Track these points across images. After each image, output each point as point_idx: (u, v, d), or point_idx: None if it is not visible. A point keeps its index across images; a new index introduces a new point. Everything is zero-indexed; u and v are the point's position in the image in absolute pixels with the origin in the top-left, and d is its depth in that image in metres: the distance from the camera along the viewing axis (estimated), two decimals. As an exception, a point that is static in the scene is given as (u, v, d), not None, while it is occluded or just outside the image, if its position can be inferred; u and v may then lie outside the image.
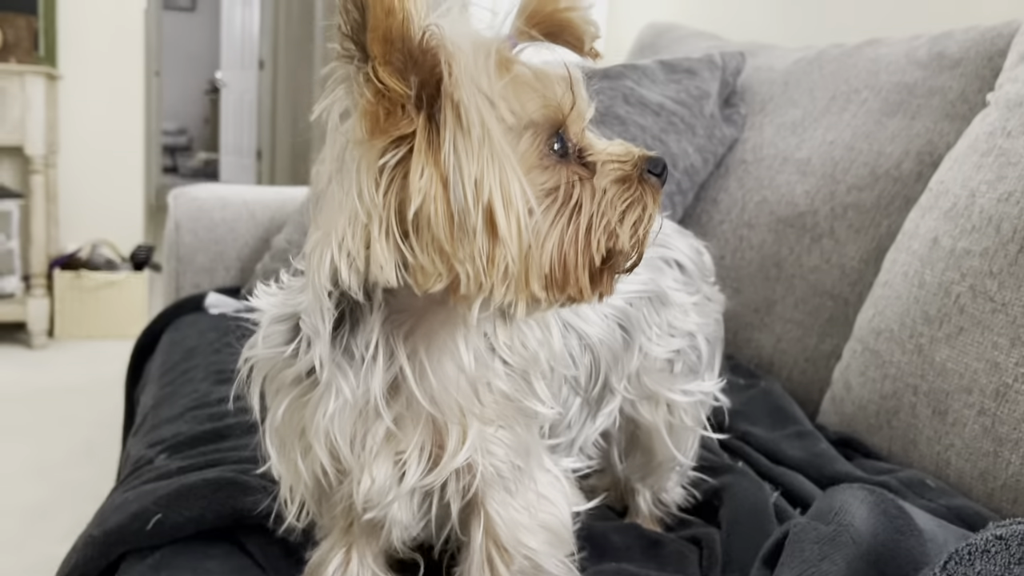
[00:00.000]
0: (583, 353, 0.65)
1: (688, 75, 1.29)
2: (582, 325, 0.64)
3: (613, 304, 0.66)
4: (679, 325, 0.71)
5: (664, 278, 0.71)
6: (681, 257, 0.73)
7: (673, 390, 0.72)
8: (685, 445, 0.74)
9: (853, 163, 1.19)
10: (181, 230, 1.52)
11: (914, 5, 1.68)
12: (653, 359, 0.70)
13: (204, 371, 1.13)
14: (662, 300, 0.70)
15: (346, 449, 0.52)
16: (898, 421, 0.90)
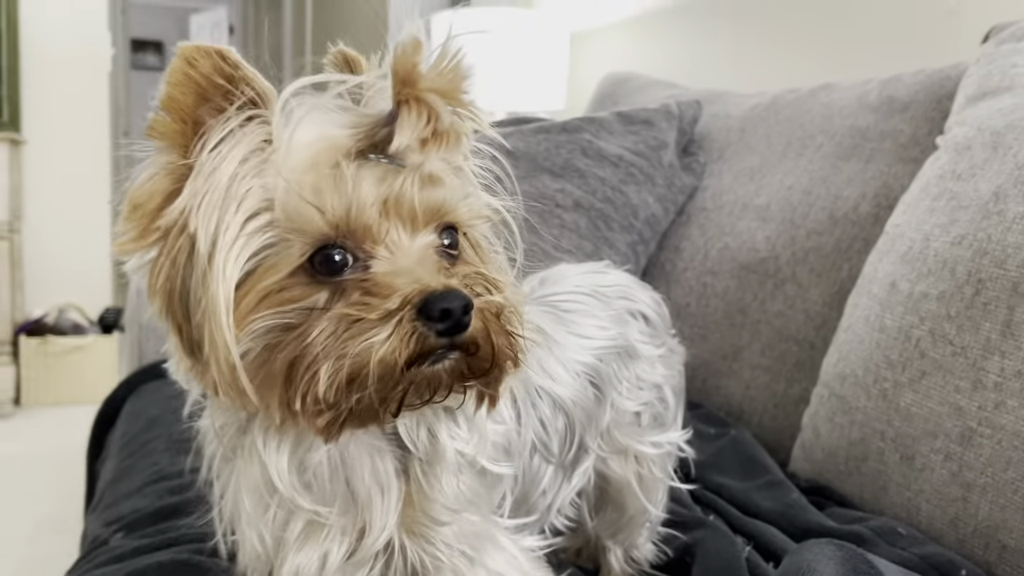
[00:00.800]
0: (556, 416, 0.64)
1: (645, 126, 1.30)
2: (554, 387, 0.63)
3: (583, 361, 0.66)
4: (647, 378, 0.71)
5: (631, 331, 0.70)
6: (646, 309, 0.73)
7: (642, 442, 0.71)
8: (655, 497, 0.73)
9: (811, 208, 1.20)
10: (142, 296, 1.50)
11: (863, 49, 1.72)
12: (623, 412, 0.70)
13: (165, 441, 1.11)
14: (630, 354, 0.70)
15: (267, 536, 0.49)
16: (867, 467, 0.90)
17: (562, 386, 0.63)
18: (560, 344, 0.65)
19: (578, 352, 0.66)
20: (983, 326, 0.79)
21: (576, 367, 0.65)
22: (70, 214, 3.38)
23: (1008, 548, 0.73)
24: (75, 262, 3.41)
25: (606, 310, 0.69)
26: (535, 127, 1.27)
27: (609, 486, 0.73)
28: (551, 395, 0.63)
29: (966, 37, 1.51)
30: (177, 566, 0.66)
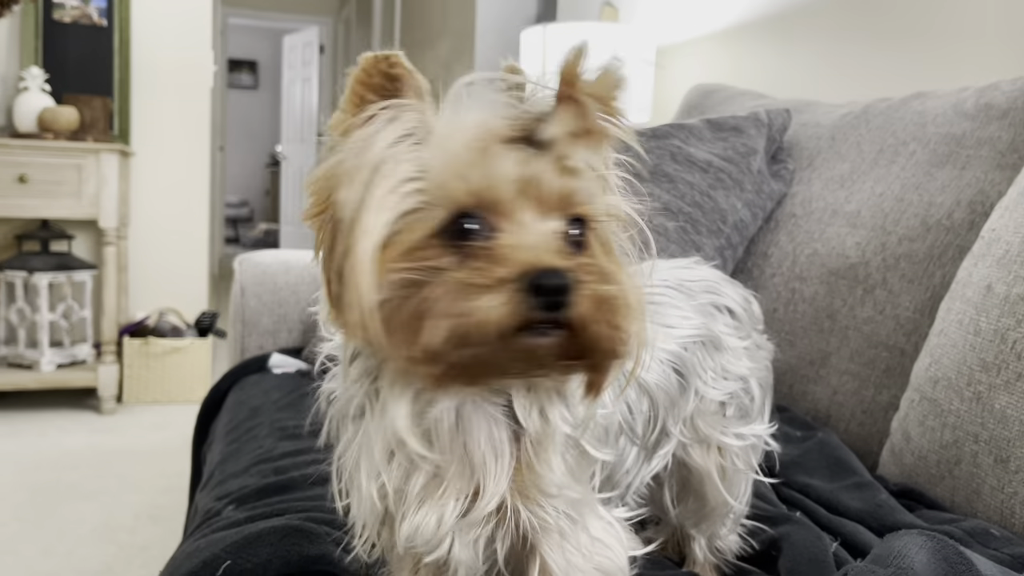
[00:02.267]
0: (641, 399, 0.66)
1: (734, 133, 1.32)
2: (640, 372, 0.66)
3: (668, 349, 0.68)
4: (732, 369, 0.73)
5: (716, 323, 0.72)
6: (731, 304, 0.74)
7: (726, 433, 0.73)
8: (737, 490, 0.74)
9: (903, 214, 1.19)
10: (246, 294, 1.58)
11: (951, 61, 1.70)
12: (708, 402, 0.71)
13: (268, 428, 1.17)
14: (715, 344, 0.71)
15: (390, 488, 0.53)
16: (960, 471, 0.89)
17: (647, 371, 0.65)
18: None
19: (663, 340, 0.68)
20: (1083, 327, 0.78)
21: (660, 354, 0.67)
22: (171, 223, 3.55)
23: (1108, 550, 0.72)
24: (174, 268, 3.58)
25: (690, 302, 0.71)
26: (625, 133, 1.30)
27: (691, 475, 0.74)
28: (637, 379, 0.64)
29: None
30: (290, 530, 0.70)
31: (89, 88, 3.29)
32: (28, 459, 2.56)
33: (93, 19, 3.32)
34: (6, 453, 2.61)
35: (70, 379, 3.04)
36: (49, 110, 2.97)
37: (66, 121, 2.98)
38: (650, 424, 0.67)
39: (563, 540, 0.56)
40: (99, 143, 3.01)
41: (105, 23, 3.33)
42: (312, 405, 0.62)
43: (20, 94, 3.05)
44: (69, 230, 3.35)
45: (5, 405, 3.12)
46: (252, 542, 0.69)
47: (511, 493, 0.53)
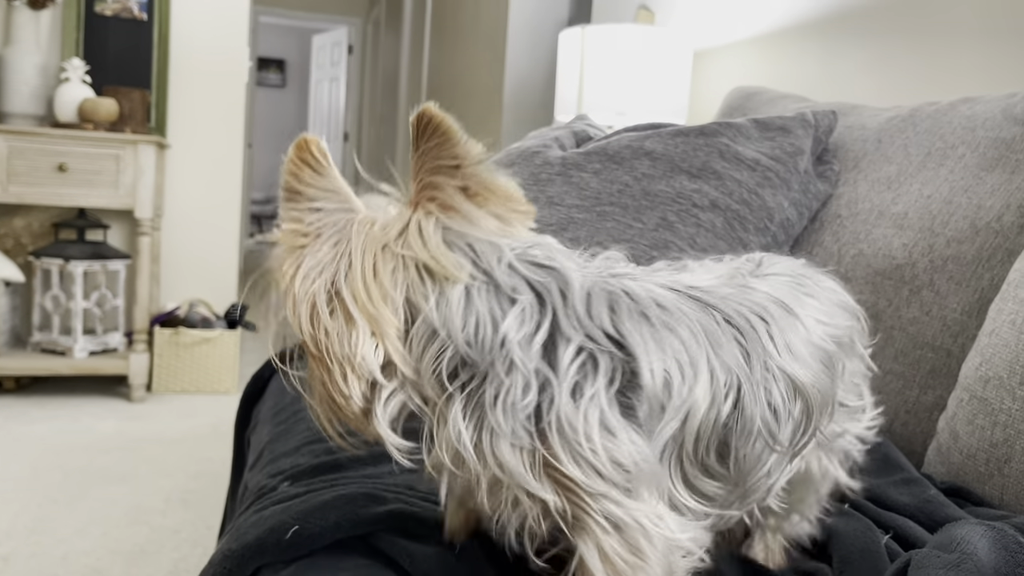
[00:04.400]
0: (794, 400, 0.59)
1: (782, 132, 1.32)
2: (794, 368, 0.59)
3: (820, 346, 0.62)
4: (856, 371, 0.71)
5: (856, 326, 0.70)
6: (856, 308, 0.72)
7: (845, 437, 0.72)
8: (825, 488, 0.74)
9: (952, 216, 1.20)
10: (289, 282, 1.60)
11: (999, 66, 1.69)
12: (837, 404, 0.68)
13: (316, 411, 1.18)
14: (851, 346, 0.69)
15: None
16: (1010, 469, 0.89)
17: (803, 367, 0.59)
18: (803, 323, 0.62)
19: (817, 334, 0.63)
20: None
21: (813, 350, 0.61)
22: (203, 215, 3.59)
23: None
24: (205, 260, 3.63)
25: (825, 301, 0.68)
26: (672, 130, 1.31)
27: (795, 474, 0.69)
28: (789, 375, 0.58)
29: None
30: (357, 495, 0.72)
31: (128, 80, 3.34)
32: (61, 443, 2.60)
33: (134, 13, 3.37)
34: (39, 436, 2.65)
35: (102, 366, 3.08)
36: (89, 101, 3.02)
37: (105, 112, 3.03)
38: (801, 428, 0.60)
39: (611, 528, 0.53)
40: (137, 135, 3.05)
41: (145, 17, 3.38)
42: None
43: (61, 85, 3.10)
44: (105, 219, 3.40)
45: (39, 390, 3.17)
46: (320, 507, 0.70)
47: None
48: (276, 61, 10.77)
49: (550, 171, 1.31)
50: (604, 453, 0.51)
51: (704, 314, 0.56)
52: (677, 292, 0.57)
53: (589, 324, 0.52)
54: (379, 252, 0.53)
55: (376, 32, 7.65)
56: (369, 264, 0.53)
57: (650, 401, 0.52)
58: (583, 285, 0.54)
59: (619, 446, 0.51)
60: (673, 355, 0.53)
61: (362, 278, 0.53)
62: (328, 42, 8.71)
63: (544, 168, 1.32)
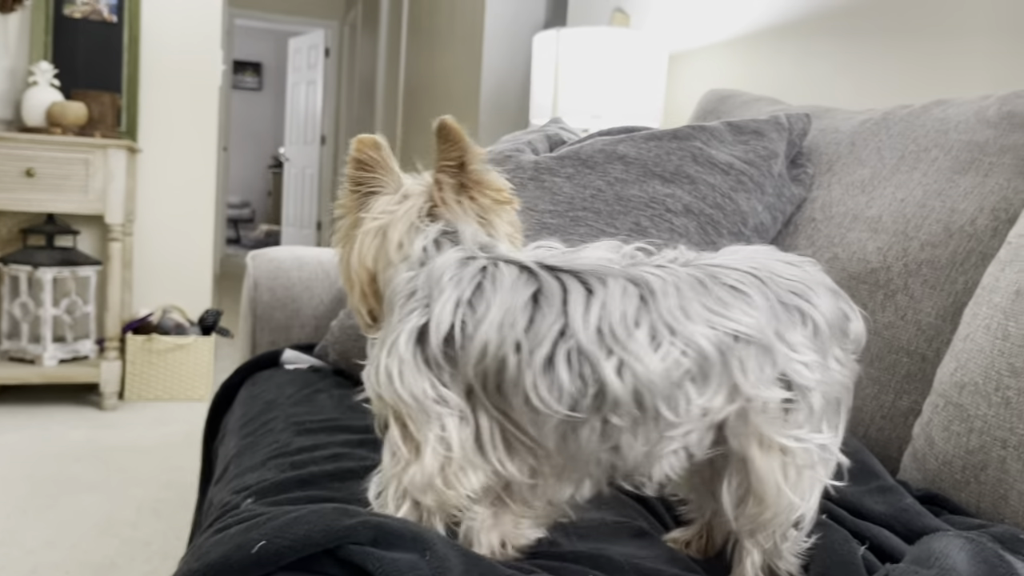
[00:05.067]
0: (594, 372, 0.64)
1: (755, 136, 1.31)
2: (589, 341, 0.64)
3: (689, 338, 0.64)
4: (795, 379, 0.68)
5: (785, 328, 0.67)
6: (817, 316, 0.68)
7: (785, 435, 0.68)
8: (801, 489, 0.69)
9: (926, 220, 1.19)
10: (259, 289, 1.58)
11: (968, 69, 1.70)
12: (761, 401, 0.67)
13: (284, 422, 1.16)
14: (769, 349, 0.66)
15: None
16: (986, 476, 0.89)
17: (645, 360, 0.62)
18: (670, 313, 0.63)
19: (697, 328, 0.64)
20: (1118, 332, 0.78)
21: (679, 343, 0.63)
22: (176, 220, 3.55)
23: None
24: (179, 265, 3.58)
25: (764, 300, 0.66)
26: (646, 134, 1.30)
27: (751, 476, 0.70)
28: (587, 352, 0.63)
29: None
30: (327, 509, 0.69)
31: (98, 84, 3.29)
32: (30, 452, 2.55)
33: (103, 15, 3.32)
34: (8, 446, 2.60)
35: (72, 374, 3.03)
36: (58, 105, 2.97)
37: (74, 116, 2.98)
38: (621, 403, 0.63)
39: None
40: (107, 139, 3.01)
41: (115, 19, 3.33)
42: (324, 400, 0.68)
43: (29, 88, 3.05)
44: (75, 225, 3.34)
45: (7, 399, 3.11)
46: (288, 523, 0.67)
47: None
48: (252, 64, 10.69)
49: (522, 176, 1.29)
50: (402, 388, 0.65)
51: (530, 281, 0.66)
52: (520, 264, 0.67)
53: (433, 286, 0.67)
54: (412, 219, 0.74)
55: (353, 35, 7.61)
56: (402, 226, 0.73)
57: (440, 347, 0.64)
58: (454, 262, 0.68)
59: (413, 383, 0.65)
60: (470, 313, 0.65)
61: (395, 229, 0.73)
62: (305, 45, 8.66)
63: (516, 173, 1.30)
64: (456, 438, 0.64)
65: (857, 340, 0.73)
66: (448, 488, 0.65)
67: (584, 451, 0.65)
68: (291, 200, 8.96)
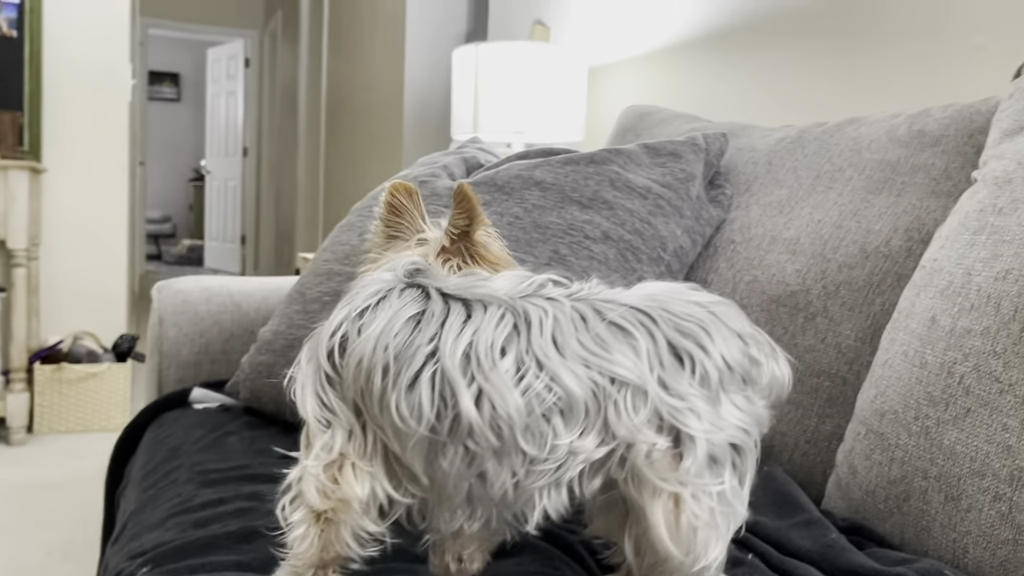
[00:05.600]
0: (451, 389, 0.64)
1: (673, 158, 1.30)
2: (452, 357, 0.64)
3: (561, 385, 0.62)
4: (679, 427, 0.64)
5: (672, 377, 0.64)
6: (708, 364, 0.64)
7: (672, 483, 0.64)
8: (697, 540, 0.65)
9: (842, 241, 1.19)
10: (165, 324, 1.49)
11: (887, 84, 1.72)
12: (648, 448, 0.63)
13: (188, 472, 1.09)
14: (644, 392, 0.63)
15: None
16: (909, 507, 0.88)
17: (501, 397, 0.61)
18: (541, 347, 0.62)
19: (569, 364, 0.62)
20: (1031, 363, 0.77)
21: (544, 377, 0.62)
22: (86, 242, 3.39)
23: (1063, 593, 0.71)
24: (90, 289, 3.42)
25: (651, 341, 0.64)
26: (562, 159, 1.27)
27: (644, 524, 0.67)
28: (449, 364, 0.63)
29: (992, 73, 1.51)
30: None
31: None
32: (-73, 498, 2.40)
33: (2, 30, 3.16)
34: (-98, 492, 2.43)
35: (-25, 410, 2.86)
36: (-48, 125, 2.81)
37: (-29, 136, 2.82)
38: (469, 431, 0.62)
39: None
40: (7, 160, 2.85)
41: (15, 34, 3.17)
42: (234, 444, 0.66)
43: (-80, 107, 2.88)
44: (-26, 251, 3.17)
45: (-98, 439, 2.92)
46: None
47: None
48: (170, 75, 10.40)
49: (438, 203, 1.24)
50: (303, 403, 0.67)
51: (419, 302, 0.67)
52: (422, 287, 0.68)
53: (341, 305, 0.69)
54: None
55: (273, 45, 7.45)
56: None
57: (326, 359, 0.66)
58: (368, 281, 0.70)
59: (311, 396, 0.67)
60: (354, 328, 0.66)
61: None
62: (224, 55, 8.45)
63: (432, 200, 1.25)
64: (338, 445, 0.65)
65: (774, 387, 0.70)
66: (335, 485, 0.65)
67: (451, 476, 0.64)
68: (214, 214, 8.73)
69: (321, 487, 0.65)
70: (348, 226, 1.33)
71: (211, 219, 8.78)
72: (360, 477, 0.65)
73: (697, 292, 0.71)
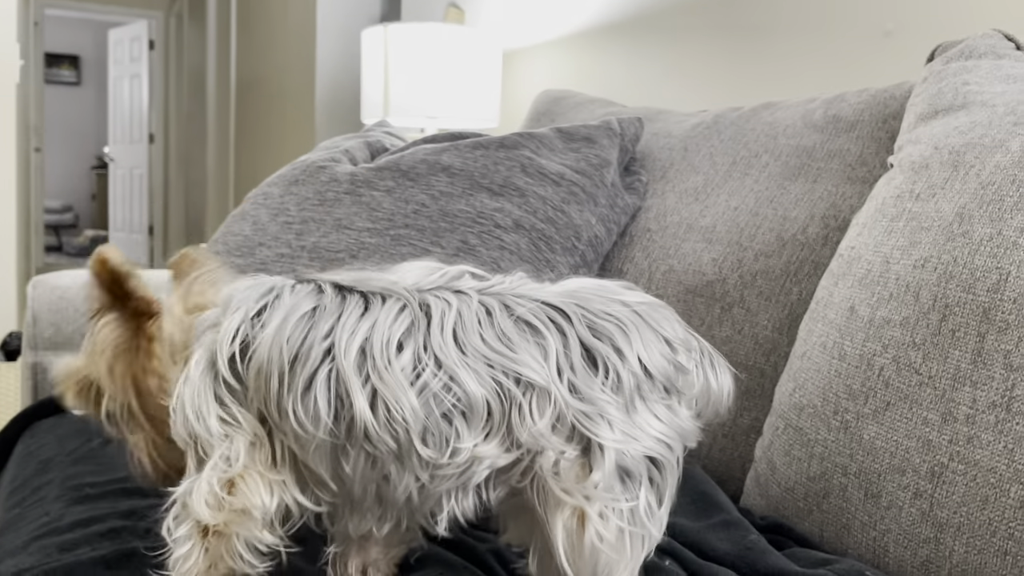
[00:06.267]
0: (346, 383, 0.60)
1: (587, 143, 1.24)
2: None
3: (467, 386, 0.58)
4: (588, 435, 0.59)
5: (587, 380, 0.59)
6: (623, 370, 0.59)
7: (576, 496, 0.59)
8: (603, 559, 0.59)
9: (759, 229, 1.16)
10: (39, 323, 1.37)
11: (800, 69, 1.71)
12: (551, 456, 0.59)
13: (59, 488, 0.99)
14: (552, 397, 0.58)
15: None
16: (828, 505, 0.84)
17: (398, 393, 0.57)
18: (440, 343, 0.58)
19: (469, 362, 0.57)
20: (952, 354, 0.74)
21: (443, 376, 0.57)
22: (-29, 234, 3.17)
23: (986, 594, 0.68)
24: (-24, 285, 3.20)
25: (562, 341, 0.58)
26: (471, 143, 1.20)
27: (546, 538, 0.61)
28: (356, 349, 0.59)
29: (902, 57, 1.51)
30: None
31: None
32: None
33: None
34: None
35: None
36: None
37: None
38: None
39: None
40: None
41: None
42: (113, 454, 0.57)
43: None
44: None
45: None
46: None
47: None
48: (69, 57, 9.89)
49: (337, 189, 1.16)
50: (197, 423, 0.61)
51: (314, 297, 0.62)
52: (316, 282, 0.63)
53: (224, 310, 0.63)
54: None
55: (179, 26, 7.16)
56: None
57: (227, 366, 0.60)
58: (249, 284, 0.64)
59: (208, 413, 0.60)
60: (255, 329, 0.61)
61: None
62: (126, 36, 8.08)
63: (331, 186, 1.17)
64: (242, 456, 0.60)
65: (710, 399, 0.65)
66: (235, 498, 0.60)
67: (356, 480, 0.60)
68: (119, 203, 8.36)
69: (213, 499, 0.60)
70: (241, 215, 1.24)
71: (116, 209, 8.41)
72: (266, 486, 0.61)
73: (629, 291, 0.65)
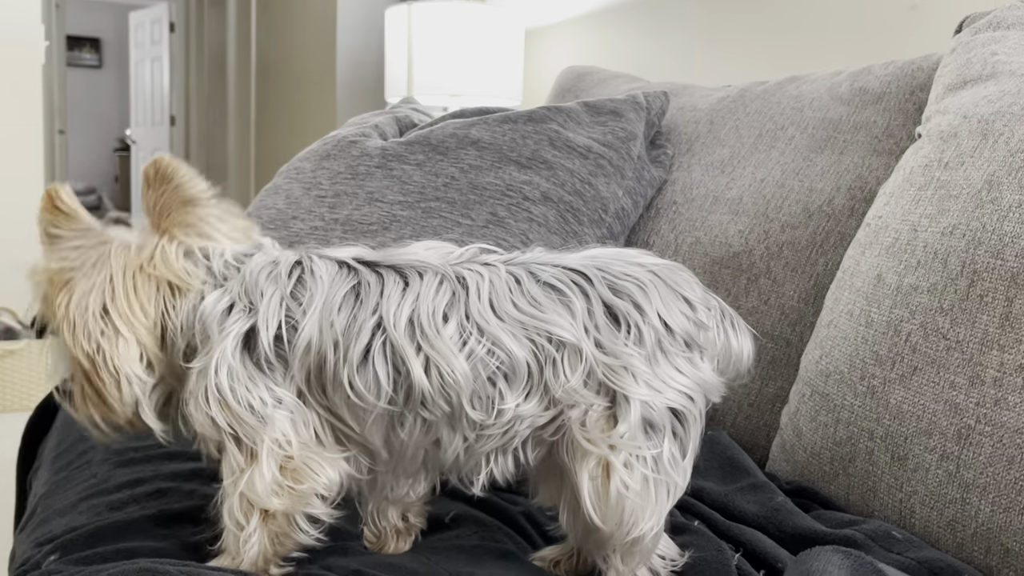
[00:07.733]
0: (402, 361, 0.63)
1: (613, 116, 1.25)
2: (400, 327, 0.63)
3: (493, 334, 0.62)
4: (615, 388, 0.63)
5: (612, 336, 0.63)
6: (644, 327, 0.63)
7: (602, 446, 0.63)
8: (630, 506, 0.63)
9: (785, 200, 1.17)
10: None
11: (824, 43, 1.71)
12: (580, 411, 0.63)
13: (103, 452, 1.02)
14: (578, 353, 0.63)
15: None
16: (855, 468, 0.86)
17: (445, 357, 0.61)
18: (479, 311, 0.62)
19: (506, 327, 0.62)
20: (979, 319, 0.76)
21: (486, 341, 0.62)
22: (2, 213, 3.22)
23: (1012, 552, 0.70)
24: (8, 263, 3.25)
25: (585, 301, 0.63)
26: (500, 117, 1.22)
27: (575, 491, 0.65)
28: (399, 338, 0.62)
29: (928, 30, 1.50)
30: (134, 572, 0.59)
31: None
32: None
33: (-102, -15, 2.95)
34: None
35: None
36: None
37: None
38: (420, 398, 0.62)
39: None
40: (-92, 125, 2.67)
41: (-88, -10, 2.96)
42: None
43: None
44: None
45: None
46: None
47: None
48: (90, 40, 9.95)
49: (369, 163, 1.18)
50: (237, 405, 0.62)
51: (349, 275, 0.64)
52: (337, 260, 0.65)
53: (251, 291, 0.63)
54: (137, 273, 0.64)
55: (200, 8, 7.17)
56: (130, 285, 0.64)
57: (271, 346, 0.62)
58: (267, 263, 0.65)
59: (249, 394, 0.62)
60: (296, 308, 0.63)
61: (126, 298, 0.64)
62: (147, 19, 8.12)
63: (362, 160, 1.19)
64: (294, 438, 0.63)
65: (731, 359, 0.69)
66: (300, 483, 0.63)
67: (409, 445, 0.64)
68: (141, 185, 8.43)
69: (278, 486, 0.63)
70: (274, 189, 1.26)
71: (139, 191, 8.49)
72: (328, 464, 0.64)
73: (645, 255, 0.69)
